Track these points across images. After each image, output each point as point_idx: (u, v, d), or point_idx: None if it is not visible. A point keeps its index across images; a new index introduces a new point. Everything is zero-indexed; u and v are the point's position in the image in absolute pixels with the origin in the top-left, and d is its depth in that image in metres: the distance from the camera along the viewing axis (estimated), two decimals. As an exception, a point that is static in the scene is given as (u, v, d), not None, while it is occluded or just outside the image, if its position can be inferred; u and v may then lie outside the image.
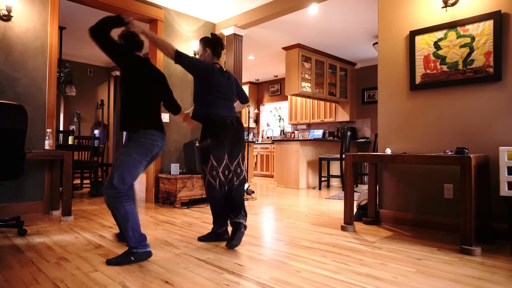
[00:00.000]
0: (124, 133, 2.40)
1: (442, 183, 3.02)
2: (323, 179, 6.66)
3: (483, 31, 2.81)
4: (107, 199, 2.11)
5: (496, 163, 2.73)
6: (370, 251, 2.40)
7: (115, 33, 2.28)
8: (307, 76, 6.82)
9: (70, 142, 5.41)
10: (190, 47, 4.86)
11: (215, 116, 2.49)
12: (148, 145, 2.23)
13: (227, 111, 2.56)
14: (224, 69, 2.67)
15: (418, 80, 3.17)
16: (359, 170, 7.05)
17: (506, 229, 2.65)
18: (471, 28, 2.87)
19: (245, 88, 9.87)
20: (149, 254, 2.17)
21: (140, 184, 6.74)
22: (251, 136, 10.15)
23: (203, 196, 4.43)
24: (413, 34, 3.19)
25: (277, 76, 9.26)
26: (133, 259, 2.10)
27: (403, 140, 3.27)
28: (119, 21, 2.20)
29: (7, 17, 3.39)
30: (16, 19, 3.48)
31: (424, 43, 3.13)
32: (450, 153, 2.65)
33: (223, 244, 2.56)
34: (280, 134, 9.48)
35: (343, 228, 3.04)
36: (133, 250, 2.12)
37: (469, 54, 2.89)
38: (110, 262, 2.07)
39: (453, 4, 2.96)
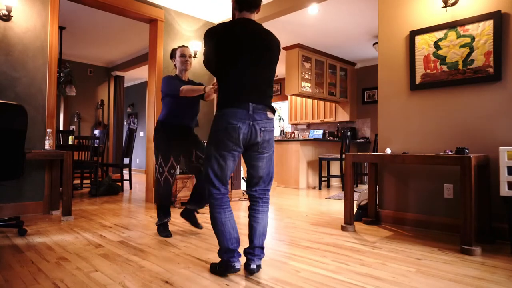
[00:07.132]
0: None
1: (442, 183, 3.02)
2: (323, 179, 6.66)
3: (483, 31, 2.81)
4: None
5: (496, 163, 2.73)
6: (370, 251, 2.40)
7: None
8: (307, 76, 6.81)
9: (70, 142, 5.41)
10: (190, 47, 4.86)
11: None
12: None
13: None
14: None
15: (418, 80, 3.17)
16: (359, 170, 7.05)
17: (506, 229, 2.65)
18: (471, 28, 2.87)
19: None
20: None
21: (140, 184, 6.73)
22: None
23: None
24: (413, 34, 3.19)
25: (277, 76, 9.25)
26: None
27: (403, 140, 3.27)
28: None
29: (7, 17, 3.39)
30: (16, 19, 3.48)
31: (424, 43, 3.13)
32: (450, 153, 2.65)
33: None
34: (280, 134, 9.46)
35: (343, 228, 3.04)
36: None
37: (469, 54, 2.89)
38: None
39: (453, 4, 2.96)
